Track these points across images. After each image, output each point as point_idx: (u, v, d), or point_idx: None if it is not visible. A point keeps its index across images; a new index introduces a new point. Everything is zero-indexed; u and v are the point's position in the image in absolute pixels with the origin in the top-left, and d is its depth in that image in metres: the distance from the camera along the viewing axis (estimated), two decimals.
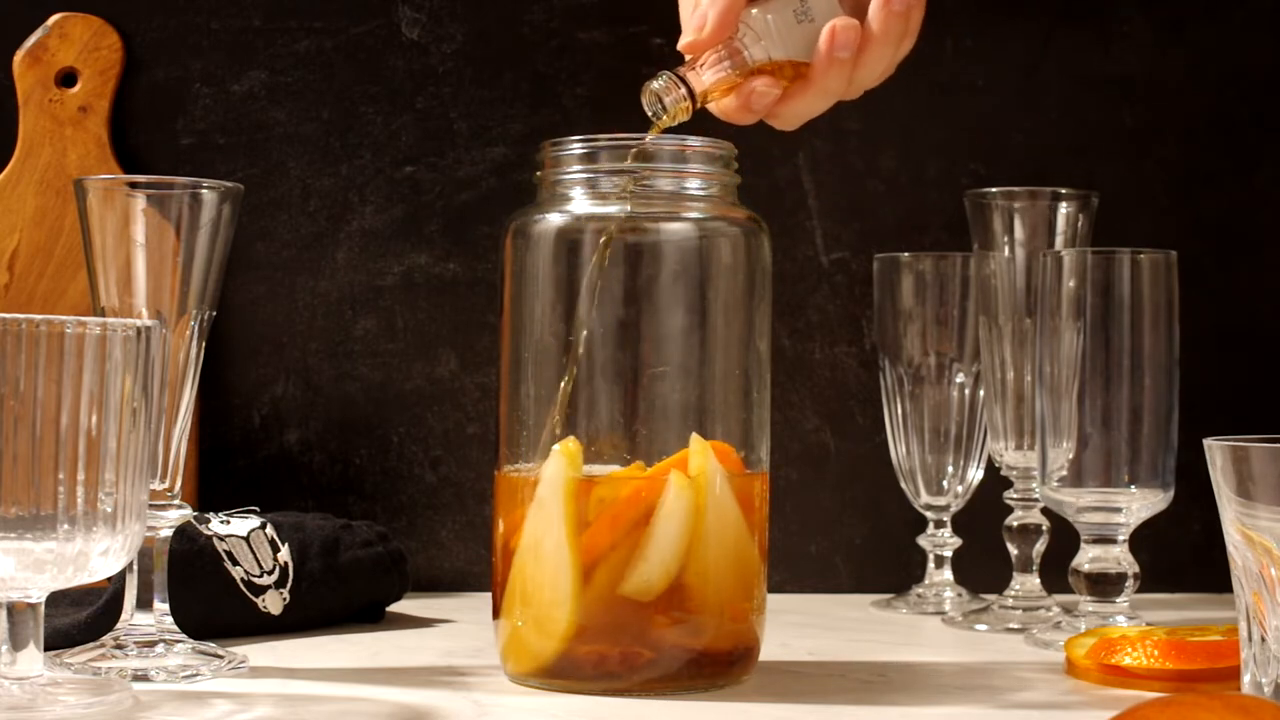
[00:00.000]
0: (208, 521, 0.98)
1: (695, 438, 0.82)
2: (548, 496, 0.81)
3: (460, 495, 1.18)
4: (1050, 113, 1.23)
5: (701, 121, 0.88)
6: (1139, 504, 0.99)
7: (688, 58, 0.85)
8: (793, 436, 1.20)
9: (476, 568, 1.17)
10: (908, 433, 1.14)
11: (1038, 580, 1.08)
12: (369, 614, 1.04)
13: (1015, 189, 1.09)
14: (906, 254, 1.14)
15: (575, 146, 0.84)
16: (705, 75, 0.84)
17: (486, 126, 1.19)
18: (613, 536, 0.80)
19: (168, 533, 0.86)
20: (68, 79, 1.14)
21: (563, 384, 0.82)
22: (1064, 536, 1.04)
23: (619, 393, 0.83)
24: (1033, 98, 1.23)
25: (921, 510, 1.14)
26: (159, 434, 0.85)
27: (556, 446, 0.81)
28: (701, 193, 0.84)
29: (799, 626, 1.05)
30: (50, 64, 1.14)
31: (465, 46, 1.19)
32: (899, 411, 1.14)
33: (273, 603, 0.98)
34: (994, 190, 1.09)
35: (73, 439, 0.72)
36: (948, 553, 1.14)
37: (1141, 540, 1.02)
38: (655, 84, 0.84)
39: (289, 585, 0.98)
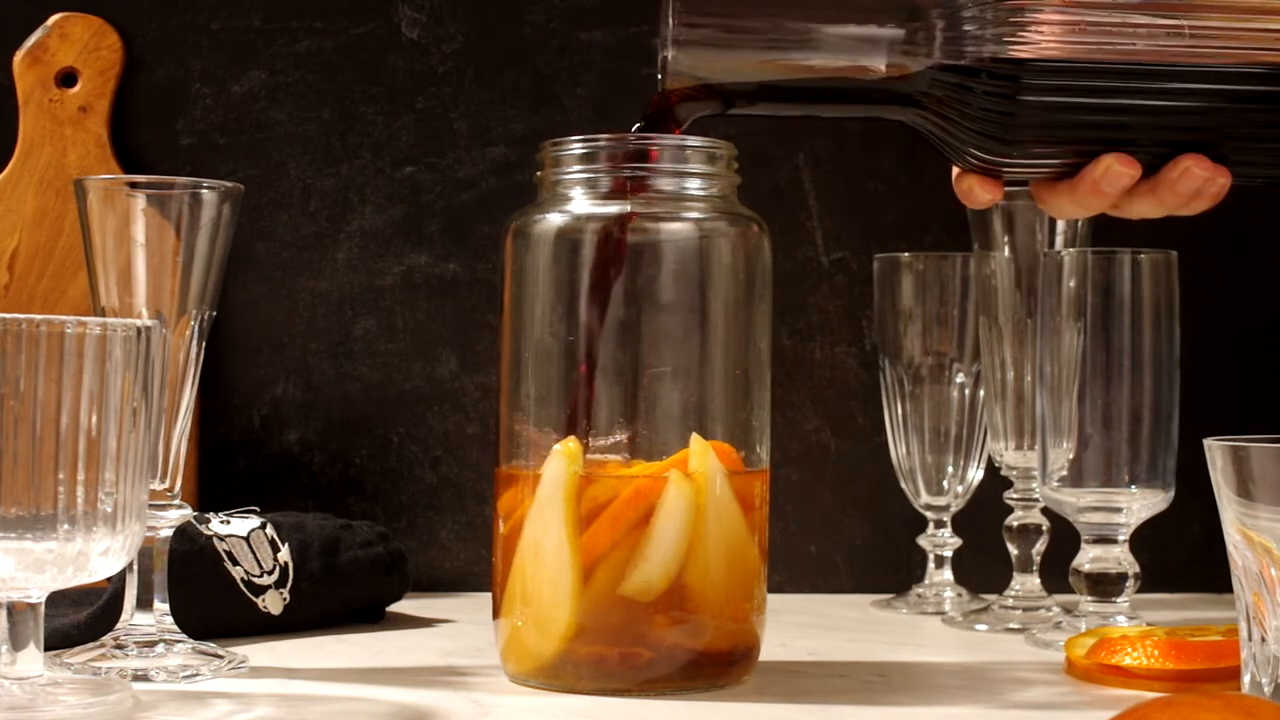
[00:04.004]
0: (208, 521, 0.98)
1: (695, 437, 0.82)
2: (548, 496, 0.81)
3: (460, 495, 1.18)
4: None
5: (702, 121, 0.89)
6: (1139, 504, 0.99)
7: None
8: (793, 436, 1.20)
9: (476, 568, 1.17)
10: (908, 433, 1.14)
11: (1038, 580, 1.08)
12: (369, 614, 1.04)
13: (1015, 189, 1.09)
14: (906, 254, 1.14)
15: (575, 146, 0.84)
16: None
17: (486, 126, 1.19)
18: (613, 536, 0.80)
19: (168, 533, 0.86)
20: (68, 79, 1.14)
21: None
22: (1064, 536, 1.04)
23: (619, 393, 0.83)
24: None
25: (921, 510, 1.14)
26: (159, 434, 0.85)
27: (557, 446, 0.81)
28: (701, 193, 0.84)
29: (799, 626, 1.05)
30: (50, 64, 1.14)
31: (465, 46, 1.19)
32: (899, 411, 1.14)
33: (273, 603, 0.98)
34: None
35: (73, 439, 0.72)
36: (948, 553, 1.14)
37: (1141, 540, 1.02)
38: None
39: (289, 585, 0.98)
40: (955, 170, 0.90)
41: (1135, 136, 0.86)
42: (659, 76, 0.87)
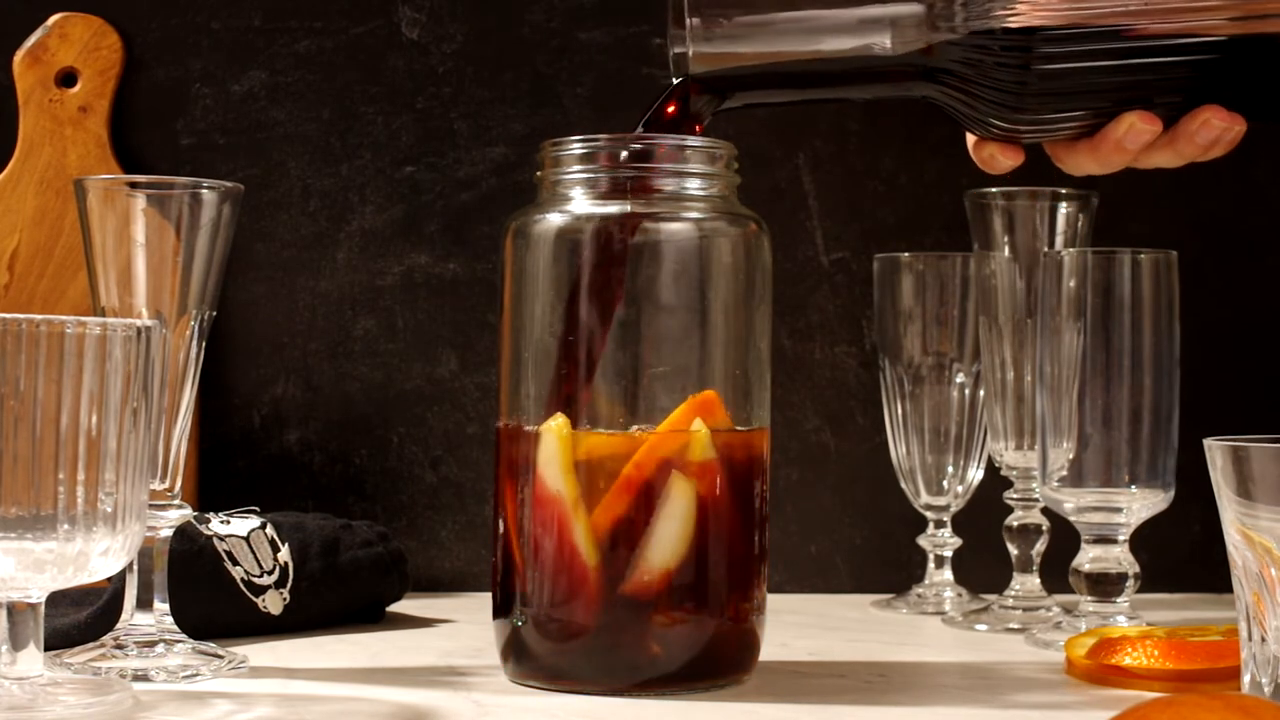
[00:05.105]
0: (208, 521, 0.98)
1: (699, 422, 0.82)
2: (544, 493, 0.81)
3: (460, 495, 1.18)
4: None
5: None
6: (1139, 504, 0.99)
7: None
8: (793, 436, 1.20)
9: (476, 568, 1.17)
10: (908, 433, 1.14)
11: (1038, 580, 1.08)
12: (369, 614, 1.04)
13: (1015, 189, 1.09)
14: (906, 254, 1.14)
15: (575, 146, 0.84)
16: None
17: (486, 126, 1.19)
18: (611, 519, 0.80)
19: (168, 533, 0.86)
20: (68, 79, 1.14)
21: None
22: (1064, 536, 1.04)
23: (619, 393, 0.82)
24: None
25: (921, 510, 1.14)
26: (159, 434, 0.85)
27: (547, 423, 0.81)
28: (701, 193, 0.84)
29: (799, 626, 1.05)
30: (50, 64, 1.14)
31: (465, 46, 1.19)
32: (899, 411, 1.14)
33: (273, 603, 0.98)
34: (994, 190, 1.09)
35: (73, 439, 0.72)
36: (948, 553, 1.14)
37: (1141, 540, 1.02)
38: None
39: (289, 585, 0.98)
40: (972, 139, 0.91)
41: (1152, 93, 0.87)
42: (674, 75, 0.87)
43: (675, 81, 0.88)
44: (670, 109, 0.87)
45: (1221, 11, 0.85)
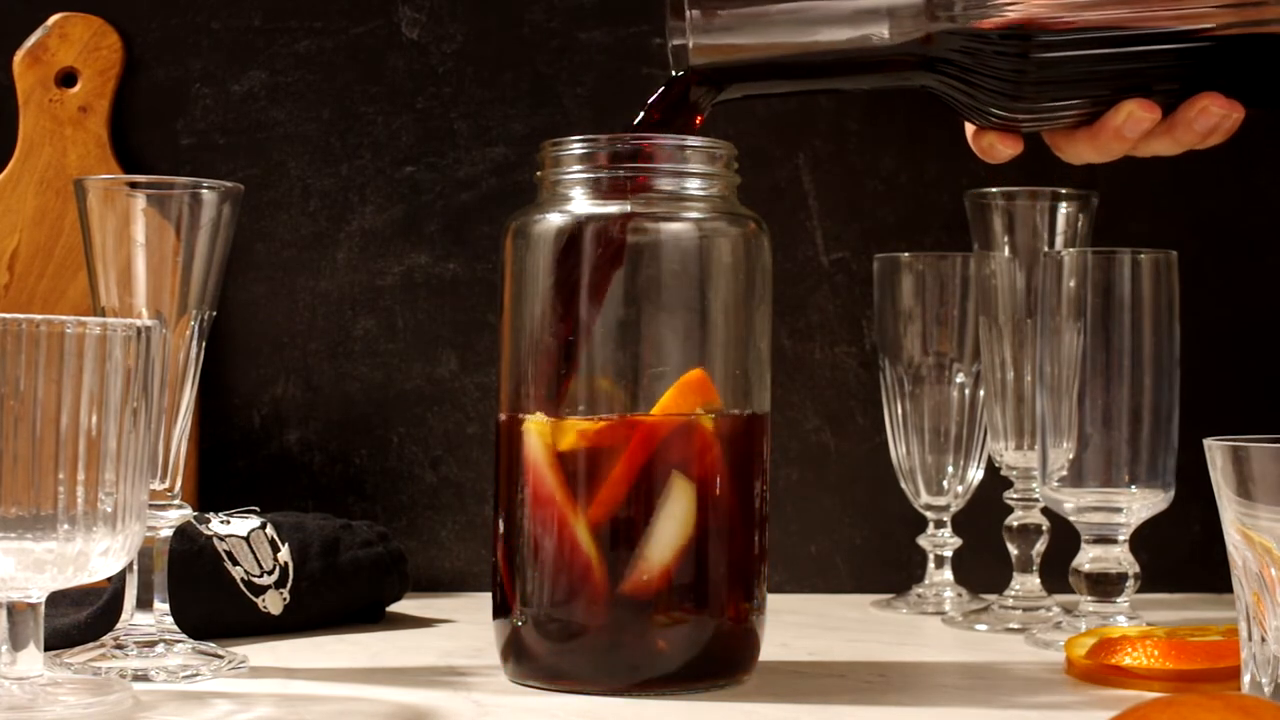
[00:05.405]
0: (208, 521, 0.98)
1: (702, 413, 0.82)
2: (541, 493, 0.81)
3: (460, 495, 1.18)
4: None
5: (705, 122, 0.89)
6: (1139, 504, 0.99)
7: None
8: (793, 436, 1.20)
9: (476, 568, 1.17)
10: (908, 433, 1.14)
11: (1038, 580, 1.08)
12: (369, 614, 1.04)
13: (1015, 189, 1.09)
14: (906, 254, 1.14)
15: (575, 146, 0.84)
16: None
17: (486, 126, 1.19)
18: (610, 514, 0.80)
19: (168, 533, 0.86)
20: (68, 79, 1.14)
21: None
22: (1064, 536, 1.04)
23: (618, 393, 0.82)
24: None
25: (921, 510, 1.14)
26: (159, 434, 0.85)
27: (532, 431, 0.81)
28: (701, 193, 0.84)
29: (799, 626, 1.05)
30: (50, 64, 1.14)
31: (465, 46, 1.19)
32: (899, 411, 1.14)
33: (273, 603, 0.98)
34: (994, 190, 1.09)
35: (73, 439, 0.72)
36: (948, 553, 1.14)
37: (1141, 540, 1.02)
38: None
39: (289, 585, 0.98)
40: (971, 129, 0.92)
41: (1150, 81, 0.87)
42: (673, 68, 0.87)
43: (674, 75, 0.88)
44: (668, 103, 0.87)
45: None
